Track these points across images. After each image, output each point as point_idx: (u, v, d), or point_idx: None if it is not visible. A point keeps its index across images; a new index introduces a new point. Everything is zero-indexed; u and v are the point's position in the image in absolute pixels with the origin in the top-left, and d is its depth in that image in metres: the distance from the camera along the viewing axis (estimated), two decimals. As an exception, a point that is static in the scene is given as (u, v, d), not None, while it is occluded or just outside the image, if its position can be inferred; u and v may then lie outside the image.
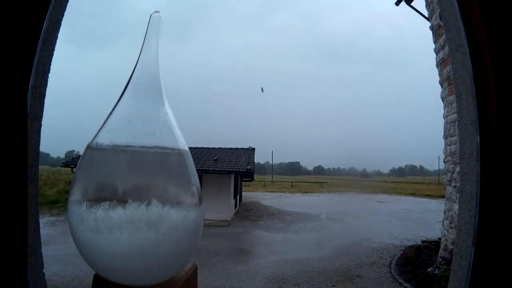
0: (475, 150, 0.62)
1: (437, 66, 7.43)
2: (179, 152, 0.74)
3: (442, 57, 7.03)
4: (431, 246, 8.57)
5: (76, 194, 0.69)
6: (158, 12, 0.78)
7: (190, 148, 0.79)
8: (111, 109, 0.74)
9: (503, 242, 0.58)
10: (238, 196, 19.11)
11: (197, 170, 0.78)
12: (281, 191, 34.78)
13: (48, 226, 11.64)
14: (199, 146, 19.48)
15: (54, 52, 0.68)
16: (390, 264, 8.32)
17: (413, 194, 33.33)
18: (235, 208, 17.26)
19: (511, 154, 0.58)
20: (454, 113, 6.53)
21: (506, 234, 0.57)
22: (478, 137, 0.61)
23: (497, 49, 0.59)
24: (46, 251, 0.68)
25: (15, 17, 0.58)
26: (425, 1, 7.84)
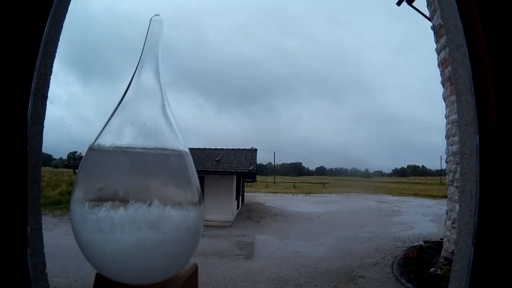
0: (475, 150, 0.62)
1: (438, 66, 7.40)
2: (179, 153, 0.75)
3: (444, 57, 7.01)
4: (433, 247, 8.54)
5: (78, 195, 0.69)
6: (159, 15, 0.79)
7: (191, 149, 0.80)
8: (112, 111, 0.75)
9: (503, 242, 0.58)
10: (240, 197, 19.10)
11: (199, 171, 0.79)
12: (283, 192, 34.80)
13: (50, 227, 11.66)
14: (201, 147, 19.50)
15: (56, 54, 0.68)
16: (392, 264, 8.29)
17: (416, 195, 33.29)
18: (237, 209, 17.25)
19: (511, 154, 0.58)
20: (455, 113, 6.50)
21: (506, 234, 0.57)
22: (478, 137, 0.61)
23: (496, 49, 0.59)
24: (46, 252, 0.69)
25: (17, 19, 0.58)
26: (426, 1, 7.83)
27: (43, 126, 0.67)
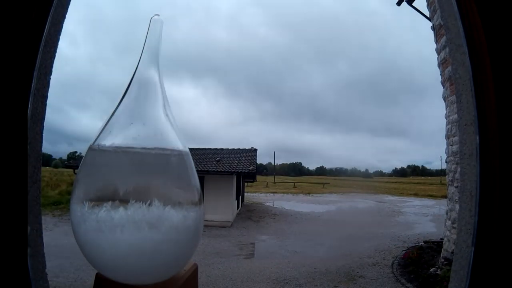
0: (475, 150, 0.62)
1: (438, 66, 7.40)
2: (179, 153, 0.75)
3: (444, 57, 7.01)
4: (433, 247, 8.54)
5: (78, 195, 0.69)
6: (159, 15, 0.79)
7: (191, 149, 0.79)
8: (112, 111, 0.75)
9: (503, 242, 0.58)
10: (240, 197, 19.09)
11: (199, 171, 0.79)
12: (283, 192, 34.82)
13: (50, 227, 11.65)
14: (201, 147, 19.50)
15: (56, 54, 0.68)
16: (392, 264, 8.29)
17: (416, 195, 33.35)
18: (237, 209, 17.24)
19: (511, 154, 0.58)
20: (455, 113, 6.50)
21: (506, 234, 0.57)
22: (478, 137, 0.61)
23: (496, 49, 0.59)
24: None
25: (18, 19, 0.58)
26: (426, 1, 7.82)
27: (43, 126, 0.67)
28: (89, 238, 0.67)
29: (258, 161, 20.68)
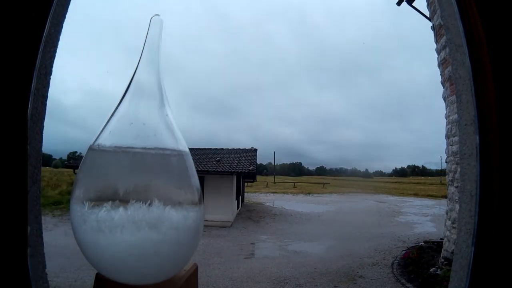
0: (475, 150, 0.62)
1: (438, 66, 7.40)
2: (179, 153, 0.75)
3: (444, 57, 7.01)
4: (433, 247, 8.54)
5: (78, 195, 0.69)
6: (159, 15, 0.79)
7: (191, 149, 0.80)
8: (112, 111, 0.75)
9: (503, 242, 0.58)
10: (240, 197, 19.09)
11: (199, 171, 0.79)
12: (283, 192, 34.84)
13: (50, 227, 11.65)
14: (201, 147, 19.50)
15: (56, 54, 0.68)
16: (392, 264, 8.29)
17: (416, 195, 33.40)
18: (237, 209, 17.24)
19: (511, 154, 0.58)
20: (455, 113, 6.49)
21: (506, 234, 0.57)
22: (478, 137, 0.61)
23: (496, 49, 0.59)
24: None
25: (18, 19, 0.58)
26: (426, 1, 7.82)
27: (43, 126, 0.67)
28: (89, 238, 0.67)
29: (258, 161, 20.69)
